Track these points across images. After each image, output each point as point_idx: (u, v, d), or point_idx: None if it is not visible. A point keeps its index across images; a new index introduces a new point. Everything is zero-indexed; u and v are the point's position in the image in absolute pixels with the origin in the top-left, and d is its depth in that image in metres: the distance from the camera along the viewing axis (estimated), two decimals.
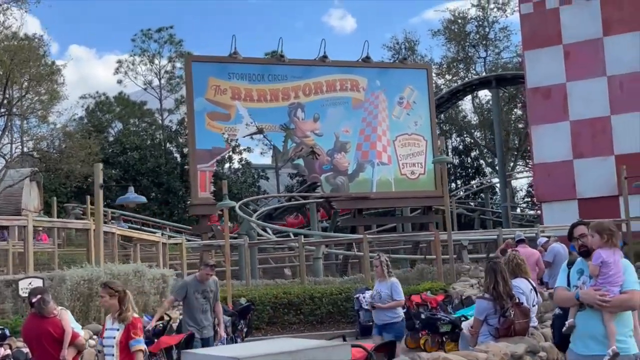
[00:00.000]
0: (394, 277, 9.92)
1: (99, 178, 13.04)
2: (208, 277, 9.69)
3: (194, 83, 26.20)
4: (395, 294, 9.74)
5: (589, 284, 5.37)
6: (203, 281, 9.67)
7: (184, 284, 9.83)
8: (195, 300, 9.54)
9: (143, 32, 50.52)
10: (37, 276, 11.46)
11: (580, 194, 30.56)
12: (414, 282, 20.48)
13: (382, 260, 9.89)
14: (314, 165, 27.75)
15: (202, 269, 9.81)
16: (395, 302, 9.72)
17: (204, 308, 9.61)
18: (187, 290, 9.61)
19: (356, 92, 28.49)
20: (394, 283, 9.80)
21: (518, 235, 13.69)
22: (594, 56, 30.36)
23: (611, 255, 5.31)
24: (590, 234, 5.43)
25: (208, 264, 9.92)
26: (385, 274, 9.78)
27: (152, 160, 46.56)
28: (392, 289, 9.74)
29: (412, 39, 50.70)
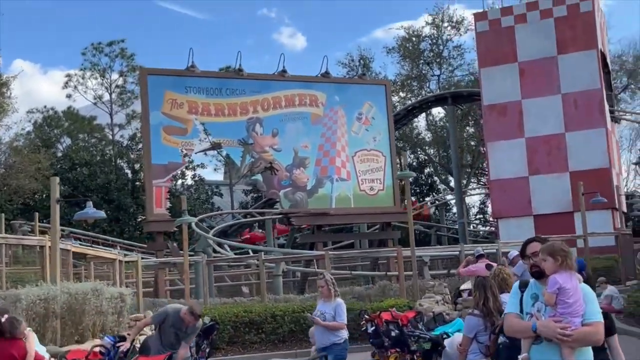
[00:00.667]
0: (339, 298, 9.33)
1: (56, 192, 12.44)
2: (189, 324, 9.05)
3: (149, 96, 25.53)
4: (339, 316, 9.11)
5: (547, 313, 4.71)
6: (184, 322, 9.05)
7: (165, 314, 9.15)
8: (168, 334, 8.97)
9: (94, 46, 49.48)
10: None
11: (535, 210, 30.89)
12: (376, 299, 20.19)
13: (328, 279, 9.25)
14: (272, 181, 27.33)
15: (187, 314, 8.93)
16: (337, 324, 9.11)
17: (170, 342, 9.02)
18: (165, 320, 9.04)
19: (315, 107, 28.24)
20: (339, 304, 9.20)
21: (477, 250, 13.54)
22: (549, 74, 30.85)
23: (568, 281, 4.69)
24: (542, 258, 4.81)
25: (194, 313, 9.04)
26: (332, 294, 9.17)
27: (102, 176, 45.42)
28: (337, 310, 9.12)
29: (366, 56, 50.89)
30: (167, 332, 8.95)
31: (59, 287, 12.15)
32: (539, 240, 5.28)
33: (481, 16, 32.71)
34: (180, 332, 9.00)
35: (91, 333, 12.70)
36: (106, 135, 52.55)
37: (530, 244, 5.33)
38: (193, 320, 9.05)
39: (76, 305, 12.28)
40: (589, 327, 4.65)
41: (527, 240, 5.44)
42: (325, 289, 9.19)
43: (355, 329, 18.18)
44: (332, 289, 9.17)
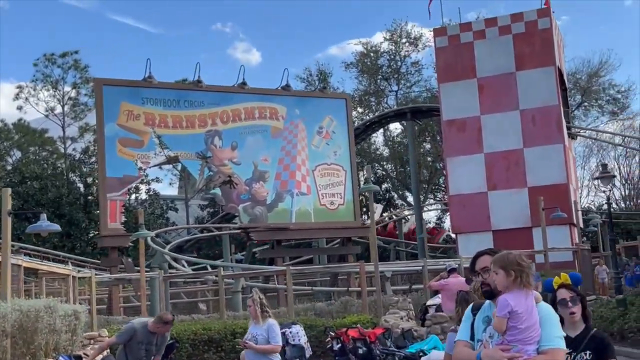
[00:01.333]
0: (271, 319, 8.40)
1: (8, 204, 11.74)
2: (162, 333, 8.55)
3: (104, 108, 24.86)
4: (272, 338, 8.24)
5: (496, 340, 4.00)
6: (152, 333, 8.55)
7: (131, 329, 8.61)
8: (137, 350, 8.44)
9: (46, 57, 48.29)
10: None
11: (494, 225, 30.88)
12: (338, 315, 19.80)
13: (256, 298, 8.37)
14: (231, 195, 26.80)
15: (157, 323, 8.51)
16: (271, 347, 8.25)
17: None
18: (132, 337, 8.50)
19: (275, 120, 27.85)
20: (271, 325, 8.31)
21: (449, 265, 13.26)
22: (507, 90, 31.00)
23: (522, 302, 3.95)
24: (494, 270, 4.06)
25: (166, 320, 8.61)
26: (259, 315, 8.26)
27: (53, 190, 44.16)
28: (269, 332, 8.25)
29: (325, 71, 50.74)
30: (135, 348, 8.43)
31: (9, 304, 11.43)
32: (490, 254, 4.41)
33: (440, 32, 32.80)
34: (150, 346, 8.50)
35: (44, 352, 11.99)
36: (58, 149, 51.24)
37: (480, 257, 4.55)
38: (165, 329, 8.62)
39: (28, 324, 11.57)
40: (545, 355, 3.92)
41: (478, 254, 4.63)
42: (252, 309, 8.31)
43: (317, 346, 17.79)
44: (260, 309, 8.27)
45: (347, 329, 12.93)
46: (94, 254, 42.81)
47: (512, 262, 4.01)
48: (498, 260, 4.08)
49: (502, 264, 4.02)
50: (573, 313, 4.62)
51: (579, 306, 4.67)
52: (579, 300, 4.65)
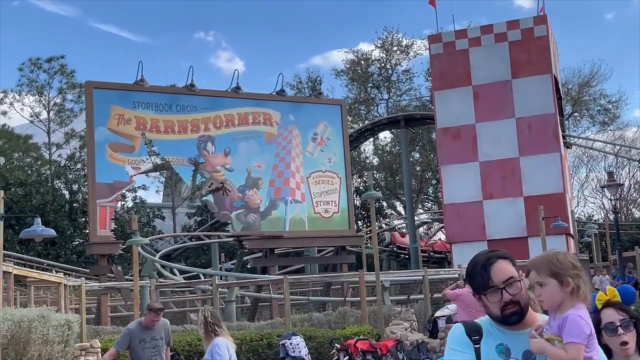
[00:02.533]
0: (218, 337, 6.99)
1: (0, 207, 11.09)
2: (154, 324, 8.09)
3: (94, 111, 24.15)
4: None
5: None
6: (149, 327, 8.06)
7: (127, 333, 8.16)
8: (141, 350, 7.93)
9: (32, 61, 47.40)
10: None
11: (489, 235, 30.46)
12: (336, 326, 19.23)
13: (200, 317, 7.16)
14: (224, 202, 26.16)
15: (147, 315, 8.18)
16: None
17: (153, 359, 8.00)
18: (130, 340, 7.97)
19: (269, 126, 27.29)
20: (214, 345, 6.94)
21: None
22: (503, 98, 30.65)
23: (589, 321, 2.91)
24: (537, 281, 2.96)
25: (152, 307, 8.29)
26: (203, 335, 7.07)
27: (37, 197, 43.21)
28: (212, 354, 6.91)
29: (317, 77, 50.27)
30: (140, 350, 7.95)
31: (1, 313, 10.78)
32: (506, 258, 3.07)
33: (435, 38, 32.43)
34: (154, 341, 8.08)
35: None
36: (42, 155, 50.27)
37: (495, 265, 2.98)
38: (155, 317, 8.14)
39: (20, 334, 10.93)
40: None
41: (486, 259, 3.02)
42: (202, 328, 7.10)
43: (317, 358, 17.21)
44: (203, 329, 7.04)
45: (357, 340, 12.36)
46: (79, 262, 41.91)
47: (566, 266, 2.91)
48: (543, 264, 2.95)
49: (553, 270, 2.90)
50: (625, 343, 3.25)
51: (633, 332, 3.29)
52: (632, 324, 3.30)
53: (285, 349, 16.00)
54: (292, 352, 16.00)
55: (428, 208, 58.07)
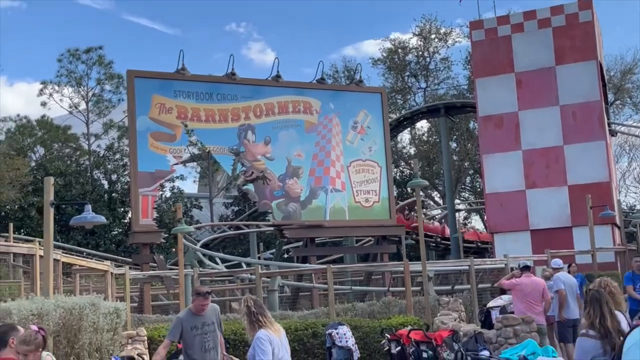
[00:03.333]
0: (262, 330, 6.68)
1: (50, 194, 11.03)
2: (204, 308, 7.89)
3: (136, 100, 24.13)
4: (258, 355, 6.60)
5: None
6: (199, 313, 7.87)
7: (178, 322, 7.97)
8: (193, 337, 7.74)
9: (70, 52, 47.77)
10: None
11: (532, 225, 29.92)
12: (381, 316, 18.98)
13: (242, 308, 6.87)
14: (264, 191, 26.01)
15: (195, 300, 7.99)
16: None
17: (207, 346, 7.80)
18: (182, 328, 7.79)
19: (309, 114, 27.04)
20: (257, 339, 6.64)
21: (522, 262, 12.35)
22: (547, 85, 30.03)
23: None
24: None
25: (200, 291, 8.03)
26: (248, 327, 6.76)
27: (77, 187, 43.66)
28: (255, 347, 6.63)
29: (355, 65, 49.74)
30: (192, 338, 7.78)
31: (52, 300, 10.71)
32: None
33: (477, 25, 31.87)
34: (206, 327, 7.85)
35: (87, 353, 11.25)
36: (81, 145, 50.71)
37: None
38: (204, 301, 7.90)
39: (72, 322, 10.84)
40: None
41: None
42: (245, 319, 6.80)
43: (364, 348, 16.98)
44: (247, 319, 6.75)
45: (410, 330, 12.09)
46: (118, 251, 42.26)
47: None
48: None
49: None
50: None
51: None
52: None
53: (331, 338, 15.79)
54: (339, 341, 15.78)
55: (465, 198, 57.44)
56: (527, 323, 11.22)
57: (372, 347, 17.50)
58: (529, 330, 11.08)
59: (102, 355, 11.82)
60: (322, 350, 16.39)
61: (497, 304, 13.01)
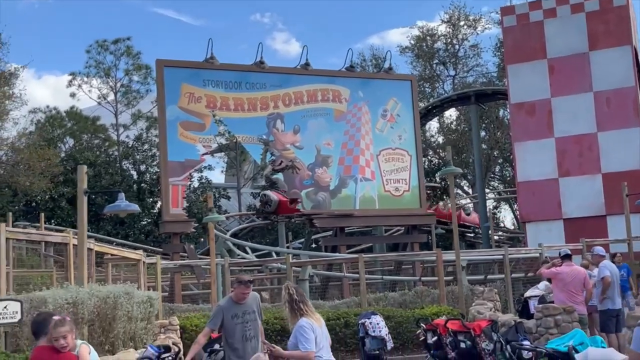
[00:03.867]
0: (303, 318, 6.66)
1: (83, 183, 10.98)
2: (245, 297, 7.74)
3: (166, 90, 24.10)
4: (301, 343, 6.54)
5: None
6: (240, 302, 7.72)
7: (219, 310, 7.82)
8: (234, 326, 7.60)
9: (99, 43, 47.98)
10: (14, 298, 9.31)
11: (566, 213, 29.42)
12: (413, 306, 18.79)
13: (284, 295, 6.78)
14: (294, 180, 25.88)
15: (236, 288, 7.83)
16: (299, 354, 6.58)
17: (248, 334, 7.64)
18: (222, 316, 7.65)
19: (338, 103, 26.82)
20: (299, 327, 6.60)
21: (564, 251, 12.04)
22: (580, 71, 29.44)
23: None
24: None
25: (242, 280, 7.84)
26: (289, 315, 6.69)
27: (107, 177, 43.89)
28: (297, 336, 6.59)
29: (379, 56, 49.50)
30: (232, 327, 7.62)
31: (87, 289, 10.67)
32: None
33: (508, 10, 31.32)
34: (247, 315, 7.68)
35: (122, 342, 11.21)
36: (110, 136, 51.01)
37: None
38: (246, 289, 7.71)
39: (106, 310, 10.80)
40: None
41: None
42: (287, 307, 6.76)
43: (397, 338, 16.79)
44: (289, 307, 6.74)
45: (447, 320, 11.85)
46: (147, 241, 42.44)
47: None
48: None
49: None
50: None
51: None
52: None
53: (365, 328, 15.60)
54: (372, 331, 15.58)
55: (494, 187, 56.85)
56: (568, 313, 10.94)
57: (405, 336, 17.32)
58: (570, 320, 10.81)
59: (136, 344, 11.78)
60: (354, 340, 16.26)
61: (535, 294, 12.71)
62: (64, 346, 5.43)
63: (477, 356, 11.16)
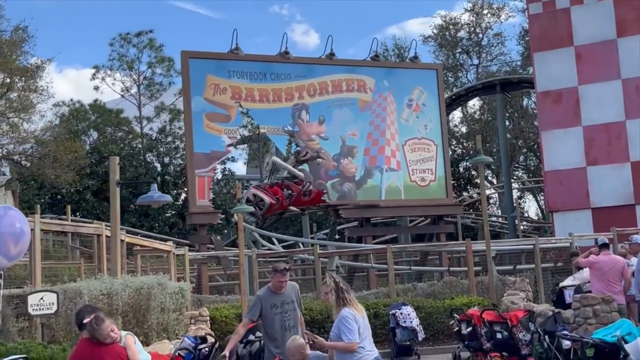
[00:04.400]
0: (346, 308, 6.58)
1: (116, 174, 10.96)
2: (282, 285, 7.65)
3: (191, 81, 24.09)
4: (344, 334, 6.47)
5: None
6: (278, 291, 7.64)
7: (257, 300, 7.76)
8: (273, 316, 7.53)
9: (121, 36, 48.09)
10: (50, 290, 9.30)
11: (594, 203, 29.03)
12: (443, 296, 18.65)
13: (330, 284, 6.71)
14: (319, 171, 25.79)
15: (273, 277, 7.75)
16: (342, 345, 6.49)
17: (287, 325, 7.57)
18: (261, 306, 7.58)
19: (363, 93, 26.66)
20: (342, 317, 6.54)
21: (601, 239, 11.83)
22: (608, 58, 28.97)
23: None
24: None
25: (278, 268, 7.79)
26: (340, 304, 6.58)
27: (131, 170, 44.05)
28: (340, 327, 6.54)
29: (402, 46, 49.20)
30: (272, 317, 7.57)
31: (120, 280, 10.67)
32: None
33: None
34: (286, 305, 7.61)
35: (155, 333, 11.20)
36: (134, 129, 51.20)
37: None
38: (282, 277, 7.65)
39: (140, 301, 10.80)
40: None
41: None
42: (329, 298, 6.71)
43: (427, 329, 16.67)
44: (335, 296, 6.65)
45: (483, 310, 11.72)
46: (172, 233, 42.58)
47: None
48: None
49: None
50: None
51: None
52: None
53: (395, 318, 15.52)
54: (403, 322, 15.49)
55: (518, 177, 56.41)
56: (607, 303, 10.76)
57: (436, 327, 17.19)
58: (609, 310, 10.64)
59: (169, 335, 11.78)
60: (384, 331, 16.16)
61: (571, 284, 12.52)
62: (115, 338, 5.39)
63: (514, 347, 11.04)
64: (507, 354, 11.13)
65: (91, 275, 14.22)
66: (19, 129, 28.03)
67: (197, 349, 8.55)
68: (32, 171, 29.93)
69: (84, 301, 9.58)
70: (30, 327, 9.66)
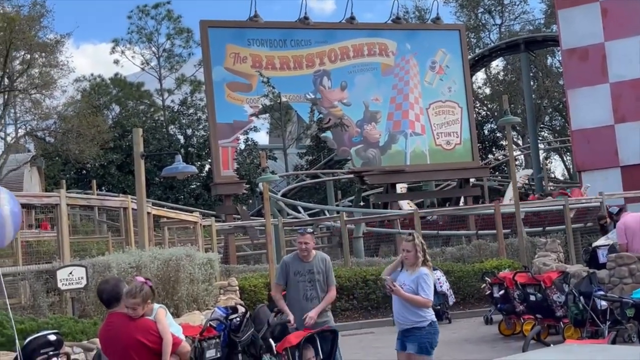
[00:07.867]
0: (425, 267, 6.83)
1: (139, 146, 10.87)
2: (303, 247, 7.41)
3: (211, 51, 23.85)
4: (422, 290, 6.68)
5: None
6: (305, 259, 7.43)
7: (282, 265, 7.61)
8: (296, 283, 7.35)
9: (140, 9, 47.89)
10: (78, 264, 9.27)
11: (622, 161, 28.54)
12: (472, 260, 18.49)
13: (417, 243, 6.81)
14: (342, 138, 25.55)
15: (301, 242, 7.49)
16: (420, 299, 6.66)
17: (309, 294, 7.35)
18: (287, 271, 7.42)
19: (385, 56, 26.24)
20: (422, 275, 6.74)
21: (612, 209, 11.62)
22: (634, 12, 28.23)
23: None
24: None
25: (304, 233, 7.58)
26: (417, 262, 6.75)
27: (154, 142, 44.16)
28: (419, 282, 6.71)
29: (422, 8, 48.39)
30: (295, 284, 7.41)
31: (149, 252, 10.62)
32: None
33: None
34: (311, 275, 7.38)
35: (186, 304, 11.18)
36: (155, 102, 51.20)
37: None
38: (301, 238, 7.49)
39: (169, 273, 10.76)
40: None
41: None
42: (411, 255, 6.76)
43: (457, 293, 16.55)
44: (421, 255, 6.76)
45: (515, 273, 11.54)
46: (197, 205, 42.71)
47: None
48: None
49: None
50: None
51: None
52: None
53: None
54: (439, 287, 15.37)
55: (544, 137, 55.72)
56: None
57: (466, 291, 17.09)
58: None
59: (199, 305, 11.76)
60: None
61: (605, 243, 12.27)
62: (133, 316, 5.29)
63: (548, 308, 10.87)
64: (541, 316, 10.96)
65: (119, 248, 14.23)
66: (41, 105, 28.12)
67: (228, 319, 8.45)
68: (56, 147, 30.08)
69: (113, 274, 9.55)
70: (60, 302, 9.67)
